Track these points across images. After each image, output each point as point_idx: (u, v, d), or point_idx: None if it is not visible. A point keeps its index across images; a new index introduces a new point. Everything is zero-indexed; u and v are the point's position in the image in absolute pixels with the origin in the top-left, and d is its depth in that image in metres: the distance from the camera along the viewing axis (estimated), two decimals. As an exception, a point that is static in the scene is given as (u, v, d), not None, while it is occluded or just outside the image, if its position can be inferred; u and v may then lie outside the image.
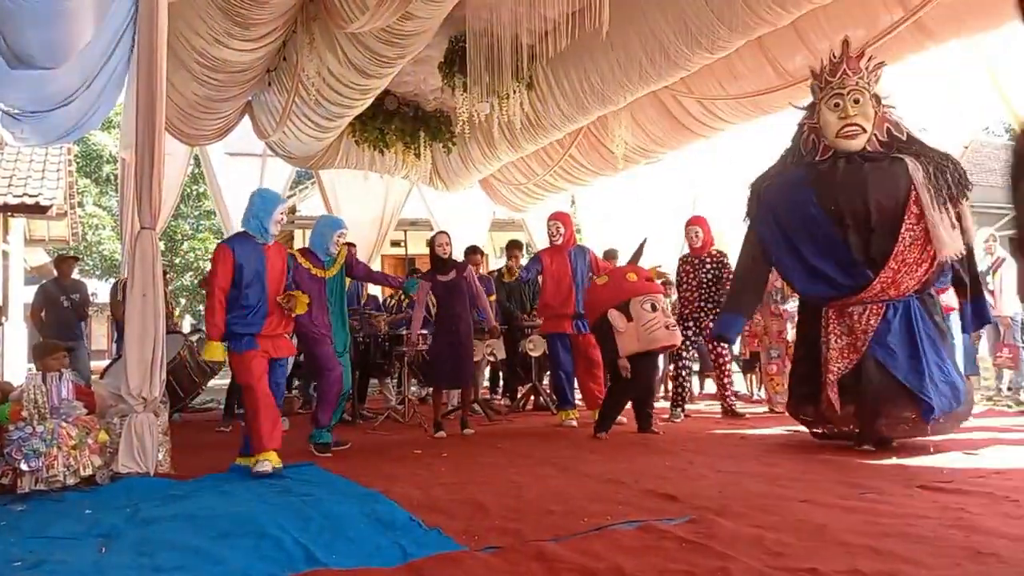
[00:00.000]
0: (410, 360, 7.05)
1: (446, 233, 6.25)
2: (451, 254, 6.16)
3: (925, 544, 2.62)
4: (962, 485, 3.57)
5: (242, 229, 4.61)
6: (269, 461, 4.26)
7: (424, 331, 6.50)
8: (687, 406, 6.92)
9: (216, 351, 4.34)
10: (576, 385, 6.75)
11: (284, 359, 4.70)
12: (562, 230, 6.59)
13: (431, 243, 6.17)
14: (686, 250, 6.99)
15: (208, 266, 18.55)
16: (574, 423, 6.29)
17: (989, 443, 4.83)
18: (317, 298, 5.23)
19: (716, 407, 7.16)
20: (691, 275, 6.62)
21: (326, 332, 5.29)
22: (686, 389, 6.85)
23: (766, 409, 7.10)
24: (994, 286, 7.80)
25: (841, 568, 2.38)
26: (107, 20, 4.75)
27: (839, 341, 4.75)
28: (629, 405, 5.84)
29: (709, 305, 6.56)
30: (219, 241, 4.72)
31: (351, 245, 7.54)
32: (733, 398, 6.90)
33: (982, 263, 7.96)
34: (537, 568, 2.50)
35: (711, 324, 6.47)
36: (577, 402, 6.72)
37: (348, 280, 5.96)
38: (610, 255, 8.41)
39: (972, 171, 17.06)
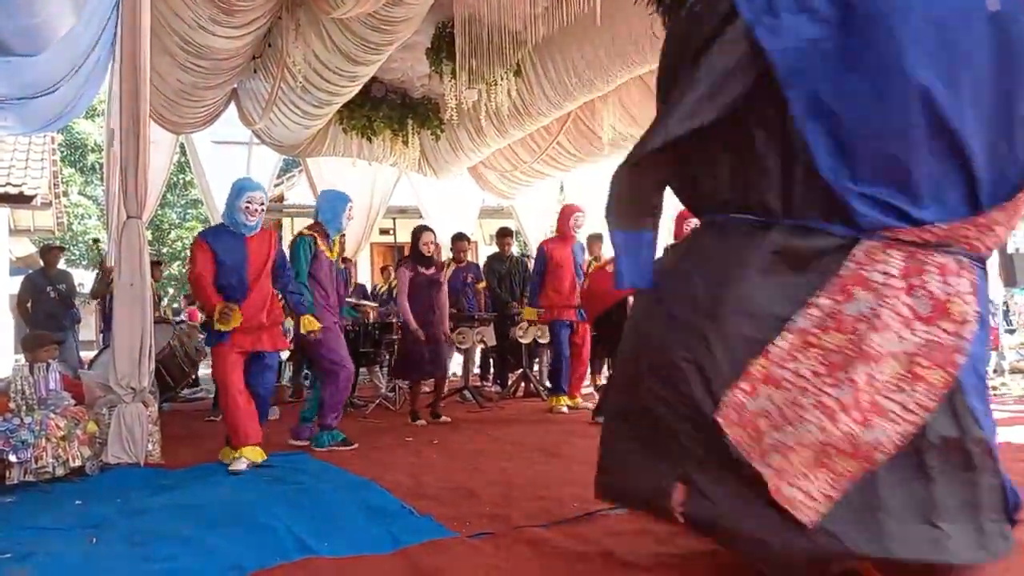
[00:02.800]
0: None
1: (432, 232, 6.05)
2: (434, 252, 6.00)
3: (911, 525, 2.64)
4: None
5: (222, 221, 4.48)
6: (245, 458, 4.16)
7: (398, 320, 6.46)
8: None
9: (230, 311, 4.10)
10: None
11: (269, 354, 4.43)
12: (580, 222, 6.71)
13: (416, 237, 5.95)
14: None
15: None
16: (565, 409, 6.33)
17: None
18: (329, 281, 5.00)
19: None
20: None
21: (335, 322, 5.02)
22: None
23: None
24: None
25: (829, 550, 2.40)
26: (92, 7, 4.69)
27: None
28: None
29: None
30: (198, 232, 4.53)
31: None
32: None
33: None
34: (528, 553, 2.52)
35: None
36: None
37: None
38: (595, 238, 8.44)
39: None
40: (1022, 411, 5.53)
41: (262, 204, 4.31)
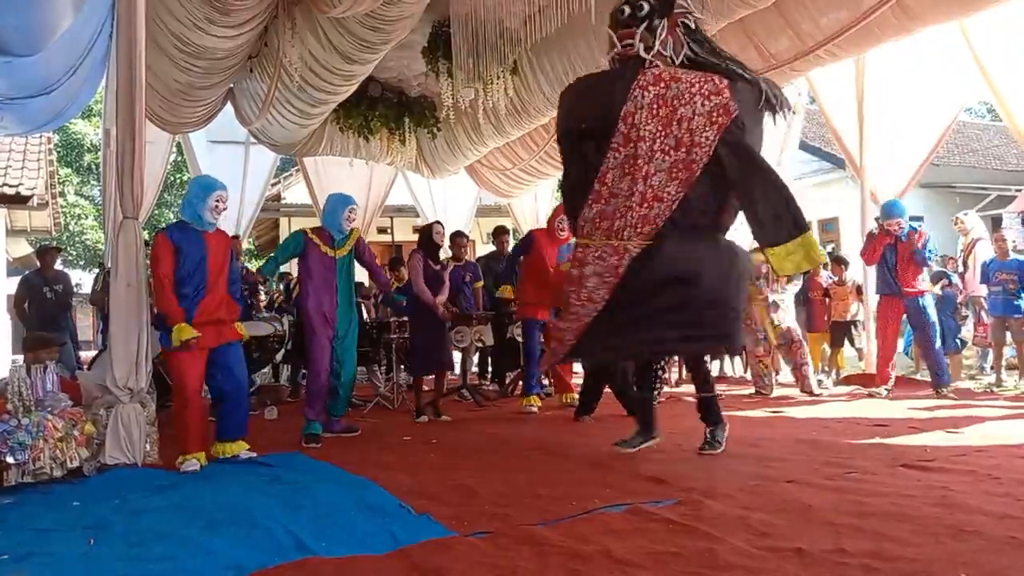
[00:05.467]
0: (397, 347, 7.07)
1: (441, 223, 6.50)
2: (443, 244, 6.36)
3: (909, 522, 2.66)
4: (944, 464, 3.62)
5: (182, 218, 4.51)
6: (196, 460, 4.18)
7: (404, 317, 6.54)
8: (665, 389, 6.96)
9: (185, 331, 4.17)
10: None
11: (231, 347, 4.47)
12: (564, 226, 6.69)
13: (428, 230, 6.26)
14: None
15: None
16: (535, 408, 6.29)
17: (970, 421, 4.90)
18: (324, 279, 5.18)
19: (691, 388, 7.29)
20: None
21: (327, 320, 5.15)
22: (664, 372, 6.87)
23: (752, 391, 7.16)
24: (964, 267, 7.85)
25: (827, 547, 2.41)
26: (88, 7, 4.67)
27: None
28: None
29: None
30: (157, 231, 4.60)
31: None
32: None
33: (956, 244, 8.02)
34: (527, 552, 2.52)
35: None
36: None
37: None
38: None
39: (954, 151, 17.07)
40: (1020, 408, 5.54)
41: (226, 203, 4.53)
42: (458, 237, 7.79)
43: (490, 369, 8.83)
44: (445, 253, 7.16)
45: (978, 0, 5.40)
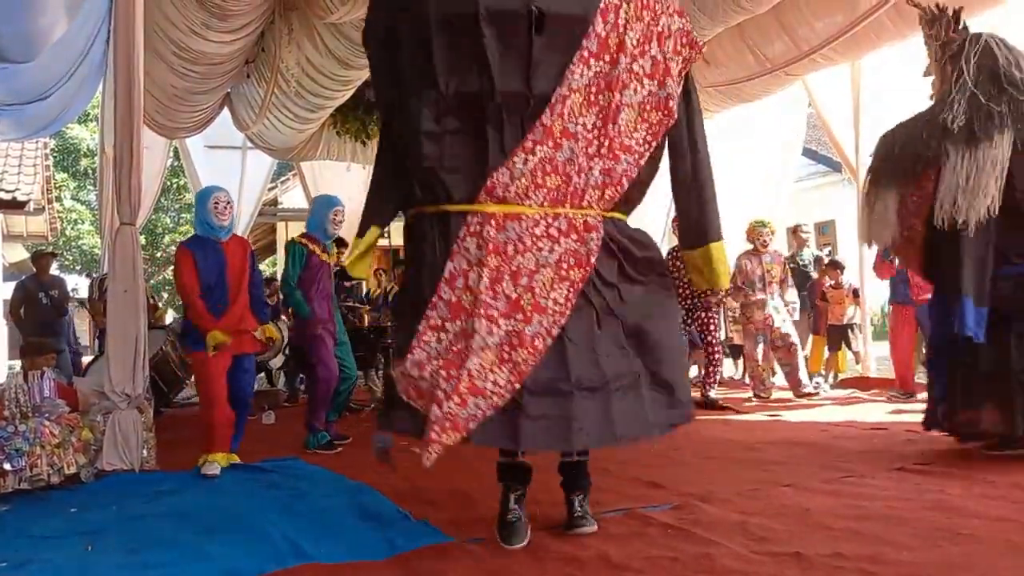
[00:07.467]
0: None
1: None
2: None
3: (906, 526, 2.66)
4: (942, 467, 3.62)
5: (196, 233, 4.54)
6: (217, 463, 4.18)
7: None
8: None
9: (218, 336, 4.21)
10: None
11: (248, 357, 4.57)
12: None
13: None
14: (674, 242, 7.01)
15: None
16: None
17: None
18: (322, 285, 5.13)
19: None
20: (683, 270, 6.68)
21: (328, 328, 5.14)
22: None
23: (750, 395, 7.16)
24: None
25: (824, 552, 2.41)
26: (85, 13, 4.68)
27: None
28: None
29: (699, 300, 6.67)
30: (179, 242, 4.59)
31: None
32: (713, 386, 6.99)
33: None
34: (523, 557, 2.53)
35: (703, 314, 6.64)
36: None
37: None
38: None
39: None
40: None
41: (228, 203, 4.46)
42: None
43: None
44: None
45: (973, 3, 5.41)
